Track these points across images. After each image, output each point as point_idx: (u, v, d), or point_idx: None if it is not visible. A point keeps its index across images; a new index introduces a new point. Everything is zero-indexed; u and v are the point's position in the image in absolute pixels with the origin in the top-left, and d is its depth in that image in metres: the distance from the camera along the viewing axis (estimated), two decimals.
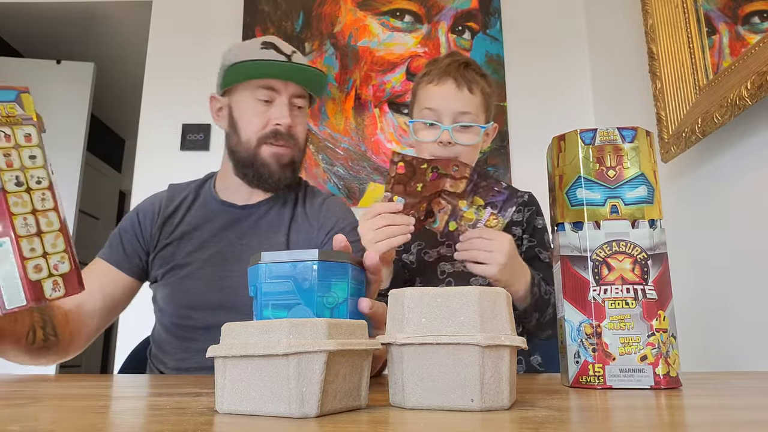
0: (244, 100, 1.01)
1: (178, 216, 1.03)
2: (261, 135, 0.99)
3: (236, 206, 1.04)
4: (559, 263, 0.54)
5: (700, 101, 1.26)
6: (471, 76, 1.00)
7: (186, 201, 1.06)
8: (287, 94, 1.00)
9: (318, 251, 0.51)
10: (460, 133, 0.97)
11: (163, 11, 2.21)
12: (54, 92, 2.89)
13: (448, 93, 0.98)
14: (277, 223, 1.03)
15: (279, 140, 0.99)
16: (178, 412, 0.34)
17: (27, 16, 2.74)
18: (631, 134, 0.54)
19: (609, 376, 0.50)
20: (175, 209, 1.04)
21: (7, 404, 0.39)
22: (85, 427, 0.29)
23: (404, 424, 0.29)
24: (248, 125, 1.00)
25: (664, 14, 1.42)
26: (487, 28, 2.12)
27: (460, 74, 0.99)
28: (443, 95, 0.98)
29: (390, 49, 2.11)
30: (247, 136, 1.00)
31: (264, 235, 1.01)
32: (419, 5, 2.14)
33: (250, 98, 1.00)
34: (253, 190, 1.04)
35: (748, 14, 1.14)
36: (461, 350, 0.34)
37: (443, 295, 0.35)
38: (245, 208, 1.04)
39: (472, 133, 0.98)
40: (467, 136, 0.97)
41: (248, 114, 1.00)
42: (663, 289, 0.51)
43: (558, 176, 0.56)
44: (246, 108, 1.01)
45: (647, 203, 0.53)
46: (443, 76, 0.99)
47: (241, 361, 0.33)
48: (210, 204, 1.05)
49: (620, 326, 0.50)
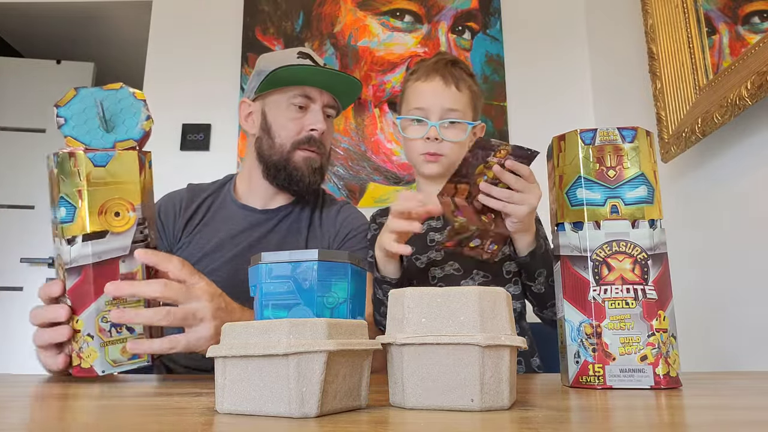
0: (278, 105, 1.04)
1: (199, 216, 1.06)
2: (296, 140, 1.03)
3: (256, 210, 1.06)
4: (559, 263, 0.54)
5: (700, 101, 1.26)
6: (459, 73, 0.99)
7: (206, 202, 1.08)
8: (321, 102, 1.04)
9: (318, 251, 0.51)
10: (447, 129, 0.97)
11: (163, 11, 2.21)
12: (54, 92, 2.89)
13: (436, 90, 0.97)
14: (296, 228, 1.05)
15: (312, 146, 1.03)
16: (178, 412, 0.34)
17: (27, 16, 2.74)
18: (631, 134, 0.54)
19: (609, 376, 0.50)
20: (195, 209, 1.06)
21: (8, 406, 0.39)
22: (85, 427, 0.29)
23: (404, 424, 0.29)
24: (283, 129, 1.03)
25: (664, 14, 1.42)
26: (487, 28, 2.12)
27: (448, 71, 0.99)
28: (431, 92, 0.98)
29: (390, 49, 2.11)
30: (281, 140, 1.03)
31: (283, 240, 1.04)
32: (419, 5, 2.13)
33: (285, 103, 1.04)
34: (274, 195, 1.07)
35: (748, 14, 1.14)
36: (461, 350, 0.34)
37: (443, 295, 0.35)
38: (265, 213, 1.06)
39: (460, 129, 0.97)
40: (454, 133, 0.97)
41: (283, 119, 1.04)
42: (663, 289, 0.51)
43: (558, 176, 0.56)
44: (281, 113, 1.04)
45: (647, 203, 0.53)
46: (431, 73, 0.99)
47: (241, 361, 0.33)
48: (229, 207, 1.07)
49: (620, 326, 0.50)
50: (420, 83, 1.00)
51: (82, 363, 0.58)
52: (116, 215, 0.61)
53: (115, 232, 0.61)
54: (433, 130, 0.95)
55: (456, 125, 0.97)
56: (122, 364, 0.60)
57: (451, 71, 0.99)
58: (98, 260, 0.59)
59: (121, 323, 0.59)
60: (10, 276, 2.79)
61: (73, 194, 0.60)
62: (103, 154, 0.61)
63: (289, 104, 1.04)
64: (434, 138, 0.95)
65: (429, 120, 0.96)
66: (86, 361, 0.58)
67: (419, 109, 0.98)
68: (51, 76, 2.91)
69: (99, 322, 0.59)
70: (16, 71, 2.90)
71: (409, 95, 1.02)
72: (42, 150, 2.89)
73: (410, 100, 1.01)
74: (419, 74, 1.01)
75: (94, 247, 0.59)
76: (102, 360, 0.58)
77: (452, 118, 0.97)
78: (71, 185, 0.60)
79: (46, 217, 2.86)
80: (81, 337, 0.58)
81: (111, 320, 0.59)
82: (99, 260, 0.59)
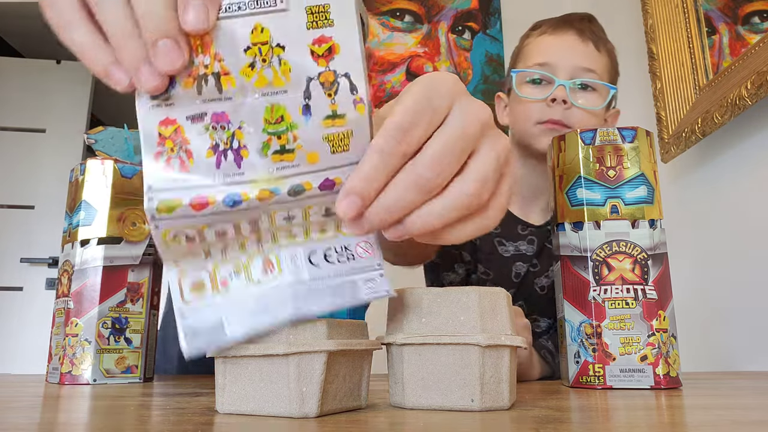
0: None
1: None
2: None
3: None
4: (559, 263, 0.54)
5: (700, 101, 1.26)
6: (597, 31, 0.79)
7: None
8: None
9: None
10: (579, 93, 0.75)
11: None
12: (54, 92, 2.89)
13: (569, 44, 0.76)
14: None
15: None
16: (178, 412, 0.34)
17: (27, 16, 2.74)
18: (631, 134, 0.54)
19: (609, 376, 0.50)
20: None
21: (8, 406, 0.39)
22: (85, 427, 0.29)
23: (404, 424, 0.29)
24: None
25: (664, 14, 1.42)
26: (487, 28, 2.12)
27: (585, 26, 0.78)
28: (561, 46, 0.76)
29: (390, 49, 2.11)
30: None
31: None
32: (419, 5, 2.14)
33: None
34: None
35: (748, 14, 1.14)
36: (461, 350, 0.34)
37: (443, 295, 0.35)
38: None
39: (595, 95, 0.75)
40: (588, 98, 0.75)
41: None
42: (663, 289, 0.51)
43: (558, 176, 0.56)
44: None
45: (647, 203, 0.53)
46: (561, 26, 0.78)
47: (241, 361, 0.33)
48: None
49: (620, 326, 0.50)
50: (546, 37, 0.78)
51: (74, 370, 0.58)
52: (133, 225, 0.62)
53: (129, 240, 0.62)
54: (561, 90, 0.73)
55: (591, 91, 0.75)
56: (114, 375, 0.60)
57: (588, 26, 0.79)
58: (110, 264, 0.60)
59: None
60: (10, 276, 2.80)
61: (97, 198, 0.61)
62: (130, 167, 0.64)
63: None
64: (561, 100, 0.73)
65: (556, 78, 0.74)
66: (78, 368, 0.58)
67: (543, 64, 0.76)
68: (51, 76, 2.91)
69: (99, 327, 0.59)
70: (16, 71, 2.91)
71: (529, 51, 0.80)
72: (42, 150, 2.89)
73: (530, 55, 0.79)
74: (544, 28, 0.80)
75: (107, 251, 0.60)
76: (95, 368, 0.58)
77: (587, 79, 0.74)
78: (96, 190, 0.61)
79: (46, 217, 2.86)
80: (78, 341, 0.58)
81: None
82: (110, 264, 0.60)
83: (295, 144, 0.29)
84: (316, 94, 0.29)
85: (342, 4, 0.28)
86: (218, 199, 0.29)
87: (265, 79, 0.29)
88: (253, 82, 0.29)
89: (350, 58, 0.28)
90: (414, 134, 0.28)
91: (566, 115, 0.74)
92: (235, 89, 0.29)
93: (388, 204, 0.28)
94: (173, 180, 0.29)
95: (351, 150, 0.29)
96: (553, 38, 0.77)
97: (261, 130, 0.29)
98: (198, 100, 0.29)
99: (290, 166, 0.29)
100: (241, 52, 0.28)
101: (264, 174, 0.29)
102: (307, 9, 0.28)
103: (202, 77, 0.29)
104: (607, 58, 0.79)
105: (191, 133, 0.29)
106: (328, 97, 0.29)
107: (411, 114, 0.28)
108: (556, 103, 0.73)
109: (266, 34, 0.28)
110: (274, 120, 0.29)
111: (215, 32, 0.28)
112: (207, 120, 0.29)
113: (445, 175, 0.28)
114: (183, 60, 0.28)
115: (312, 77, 0.28)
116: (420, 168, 0.28)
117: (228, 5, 0.28)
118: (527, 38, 0.82)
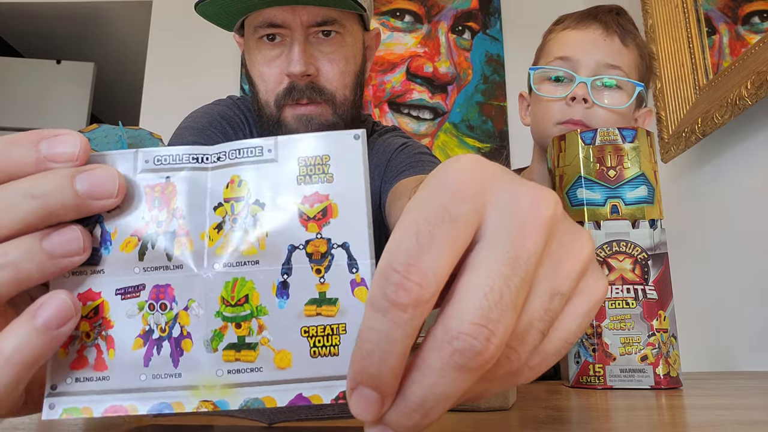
0: (249, 44, 0.70)
1: None
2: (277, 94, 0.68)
3: None
4: None
5: (700, 101, 1.26)
6: (625, 24, 0.74)
7: None
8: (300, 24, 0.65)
9: None
10: (602, 92, 0.69)
11: (163, 11, 2.21)
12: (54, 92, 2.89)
13: (592, 39, 0.71)
14: None
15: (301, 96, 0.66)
16: None
17: (27, 16, 2.74)
18: (631, 134, 0.54)
19: (609, 377, 0.50)
20: None
21: None
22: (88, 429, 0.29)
23: None
24: (261, 81, 0.69)
25: (664, 14, 1.42)
26: (487, 28, 2.12)
27: (611, 19, 0.74)
28: (583, 41, 0.72)
29: (390, 49, 2.11)
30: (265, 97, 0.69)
31: None
32: (419, 5, 2.13)
33: (253, 40, 0.69)
34: None
35: (748, 14, 1.14)
36: None
37: None
38: None
39: (620, 95, 0.70)
40: (612, 97, 0.69)
41: (258, 64, 0.69)
42: (663, 289, 0.51)
43: (558, 176, 0.56)
44: (254, 56, 0.70)
45: (647, 203, 0.53)
46: (585, 19, 0.74)
47: None
48: None
49: (620, 326, 0.50)
50: (570, 31, 0.74)
51: None
52: None
53: None
54: (582, 88, 0.68)
55: (615, 89, 0.70)
56: None
57: (615, 19, 0.74)
58: None
59: None
60: None
61: None
62: None
63: (257, 40, 0.68)
64: (582, 99, 0.68)
65: (577, 75, 0.69)
66: None
67: (563, 59, 0.72)
68: (51, 76, 2.90)
69: None
70: (16, 71, 2.90)
71: (551, 46, 0.76)
72: None
73: (551, 50, 0.75)
74: (568, 22, 0.76)
75: None
76: None
77: (611, 75, 0.69)
78: None
79: None
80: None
81: None
82: None
83: (260, 337, 0.21)
84: (300, 269, 0.21)
85: (347, 154, 0.22)
86: (140, 411, 0.21)
87: (231, 243, 0.22)
88: (215, 247, 0.22)
89: (352, 224, 0.21)
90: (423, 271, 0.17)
91: (587, 115, 0.69)
92: (189, 254, 0.22)
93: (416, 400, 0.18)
94: (84, 380, 0.21)
95: (341, 355, 0.20)
96: (576, 33, 0.72)
97: (214, 314, 0.21)
98: (137, 268, 0.22)
99: (248, 370, 0.21)
100: (210, 210, 0.22)
101: (209, 378, 0.21)
102: (299, 160, 0.22)
103: (149, 238, 0.22)
104: (636, 54, 0.73)
105: (117, 314, 0.22)
106: (316, 273, 0.21)
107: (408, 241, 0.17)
108: (576, 102, 0.69)
109: (243, 188, 0.22)
110: (235, 301, 0.21)
111: (182, 184, 0.22)
112: (144, 296, 0.22)
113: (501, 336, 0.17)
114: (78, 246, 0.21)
115: (296, 246, 0.21)
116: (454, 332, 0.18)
117: (204, 155, 0.23)
118: (550, 33, 0.78)
